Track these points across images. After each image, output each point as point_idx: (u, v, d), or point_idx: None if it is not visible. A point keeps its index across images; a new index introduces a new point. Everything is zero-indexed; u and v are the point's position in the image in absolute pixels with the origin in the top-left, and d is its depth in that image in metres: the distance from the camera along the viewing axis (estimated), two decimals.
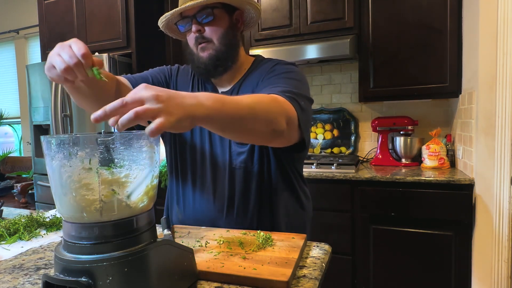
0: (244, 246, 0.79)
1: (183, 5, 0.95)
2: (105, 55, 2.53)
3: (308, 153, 2.76)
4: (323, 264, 0.75)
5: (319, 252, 0.81)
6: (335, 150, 2.75)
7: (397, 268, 2.02)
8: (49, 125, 2.80)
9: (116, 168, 0.54)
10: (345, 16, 2.29)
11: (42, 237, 0.98)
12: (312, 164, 2.22)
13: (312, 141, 2.82)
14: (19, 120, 4.55)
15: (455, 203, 1.88)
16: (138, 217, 0.57)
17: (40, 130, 2.95)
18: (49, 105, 2.75)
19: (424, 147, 2.27)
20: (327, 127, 2.78)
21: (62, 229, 0.58)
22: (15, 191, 3.73)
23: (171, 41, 2.91)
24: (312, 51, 2.33)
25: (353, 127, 2.70)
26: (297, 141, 0.90)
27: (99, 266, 0.52)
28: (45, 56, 3.04)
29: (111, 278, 0.52)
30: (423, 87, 2.21)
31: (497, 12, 1.73)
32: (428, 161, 2.24)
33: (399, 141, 2.38)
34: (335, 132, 2.76)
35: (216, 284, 0.66)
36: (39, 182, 2.94)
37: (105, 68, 2.53)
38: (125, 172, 0.55)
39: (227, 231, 0.92)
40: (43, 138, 0.55)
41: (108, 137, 0.53)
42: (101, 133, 0.54)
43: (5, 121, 4.65)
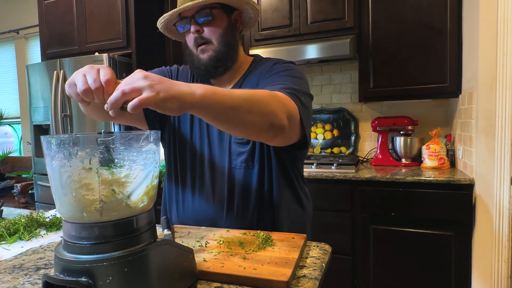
0: (244, 246, 0.79)
1: (181, 5, 0.95)
2: (105, 55, 2.53)
3: (308, 153, 2.76)
4: (323, 264, 0.75)
5: (319, 252, 0.81)
6: (335, 150, 2.75)
7: (397, 268, 2.02)
8: (49, 125, 2.80)
9: (116, 168, 0.54)
10: (345, 16, 2.29)
11: (42, 237, 0.98)
12: (312, 164, 2.22)
13: (312, 141, 2.82)
14: (19, 120, 4.55)
15: (455, 203, 1.88)
16: (138, 217, 0.57)
17: (40, 130, 2.95)
18: (49, 105, 2.75)
19: (424, 147, 2.27)
20: (327, 127, 2.78)
21: (62, 229, 0.58)
22: (15, 191, 3.73)
23: (171, 41, 2.91)
24: (312, 51, 2.33)
25: (353, 127, 2.70)
26: (299, 138, 0.90)
27: (99, 266, 0.52)
28: (45, 56, 3.04)
29: (111, 278, 0.52)
30: (423, 87, 2.21)
31: (497, 12, 1.73)
32: (428, 161, 2.23)
33: (399, 141, 2.38)
34: (335, 132, 2.76)
35: (216, 284, 0.66)
36: (39, 182, 2.94)
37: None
38: (125, 172, 0.55)
39: (227, 231, 0.92)
40: (43, 138, 0.55)
41: (108, 137, 0.54)
42: (101, 133, 0.55)
43: (5, 121, 4.65)
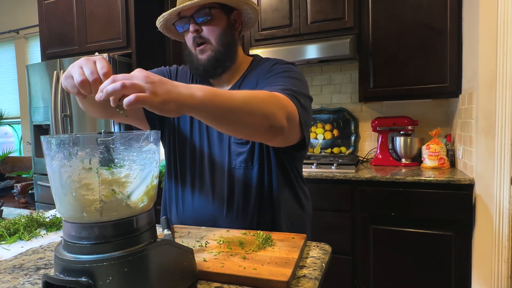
0: (244, 246, 0.79)
1: (180, 5, 0.95)
2: (105, 55, 2.53)
3: (308, 153, 2.76)
4: (323, 264, 0.75)
5: (319, 252, 0.81)
6: (335, 150, 2.75)
7: (397, 268, 2.02)
8: (49, 125, 2.80)
9: (116, 168, 0.54)
10: (345, 16, 2.30)
11: (42, 237, 0.98)
12: (312, 164, 2.22)
13: (312, 141, 2.82)
14: (19, 120, 4.55)
15: (455, 203, 1.88)
16: (138, 217, 0.57)
17: (40, 130, 2.95)
18: (49, 105, 2.75)
19: (424, 147, 2.27)
20: (327, 127, 2.78)
21: (62, 229, 0.58)
22: (15, 191, 3.73)
23: (171, 41, 2.91)
24: (312, 51, 2.33)
25: (353, 127, 2.70)
26: (298, 139, 0.90)
27: (99, 266, 0.52)
28: (45, 56, 3.04)
29: (111, 278, 0.52)
30: (423, 87, 2.21)
31: (497, 12, 1.73)
32: (428, 161, 2.23)
33: (399, 141, 2.38)
34: (335, 132, 2.76)
35: (216, 284, 0.66)
36: (39, 182, 2.94)
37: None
38: (125, 172, 0.55)
39: (227, 231, 0.92)
40: (43, 138, 0.55)
41: (108, 137, 0.54)
42: (101, 133, 0.55)
43: (5, 121, 4.65)
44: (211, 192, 1.02)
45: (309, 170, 2.19)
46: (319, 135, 2.80)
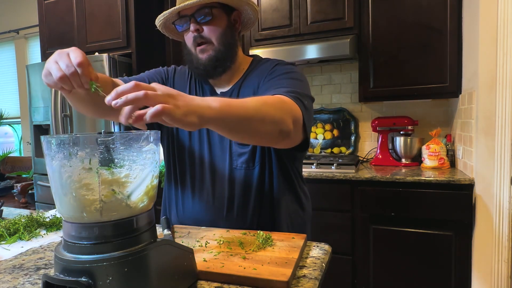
0: (244, 246, 0.79)
1: (181, 4, 0.95)
2: (105, 55, 2.53)
3: (308, 153, 2.76)
4: (323, 264, 0.75)
5: (319, 252, 0.81)
6: (335, 150, 2.75)
7: (397, 268, 2.02)
8: (49, 125, 2.80)
9: (116, 168, 0.54)
10: (345, 16, 2.30)
11: (42, 237, 0.98)
12: (312, 164, 2.22)
13: (312, 141, 2.82)
14: (19, 120, 4.55)
15: (455, 203, 1.88)
16: (138, 217, 0.57)
17: (40, 130, 2.95)
18: (49, 105, 2.75)
19: (424, 147, 2.27)
20: (327, 127, 2.78)
21: (62, 229, 0.58)
22: (15, 191, 3.73)
23: (171, 41, 2.91)
24: (312, 51, 2.33)
25: (353, 127, 2.70)
26: (301, 140, 0.90)
27: (99, 266, 0.52)
28: (45, 56, 3.04)
29: (111, 278, 0.52)
30: (423, 87, 2.21)
31: (497, 12, 1.73)
32: (428, 161, 2.23)
33: (399, 141, 2.38)
34: (335, 132, 2.76)
35: (216, 284, 0.66)
36: (39, 182, 2.94)
37: (105, 68, 2.53)
38: (125, 172, 0.55)
39: (227, 231, 0.92)
40: (43, 138, 0.55)
41: (108, 137, 0.54)
42: (101, 133, 0.54)
43: (5, 121, 4.65)
44: (211, 192, 1.02)
45: (309, 170, 2.19)
46: (319, 135, 2.80)
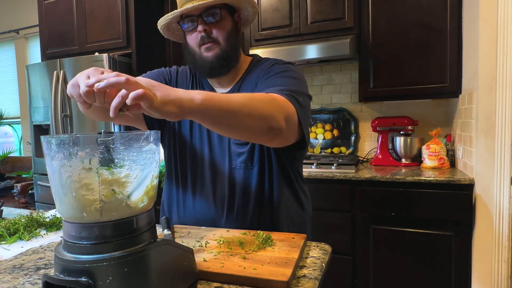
0: (244, 246, 0.79)
1: (187, 4, 0.94)
2: (105, 55, 2.53)
3: (308, 153, 2.76)
4: (323, 264, 0.75)
5: (319, 252, 0.81)
6: (335, 150, 2.75)
7: (397, 268, 2.02)
8: (49, 125, 2.80)
9: (116, 168, 0.54)
10: (345, 16, 2.30)
11: (42, 237, 0.98)
12: (312, 164, 2.22)
13: (312, 141, 2.82)
14: (19, 120, 4.54)
15: (455, 203, 1.88)
16: (138, 217, 0.57)
17: (40, 130, 2.95)
18: (49, 105, 2.75)
19: (424, 147, 2.27)
20: (327, 127, 2.78)
21: (62, 229, 0.58)
22: (15, 191, 3.73)
23: (171, 41, 2.90)
24: (312, 51, 2.33)
25: (353, 127, 2.70)
26: (297, 139, 0.90)
27: (99, 266, 0.52)
28: (45, 56, 3.04)
29: (111, 278, 0.52)
30: (423, 87, 2.21)
31: (497, 12, 1.73)
32: (428, 161, 2.23)
33: (399, 141, 2.38)
34: (335, 132, 2.76)
35: (216, 284, 0.66)
36: (39, 182, 2.94)
37: (105, 68, 2.53)
38: (125, 172, 0.55)
39: (227, 231, 0.92)
40: (43, 138, 0.55)
41: (108, 137, 0.54)
42: (101, 133, 0.54)
43: (5, 121, 4.65)
44: (212, 192, 1.02)
45: (309, 170, 2.19)
46: (319, 135, 2.80)
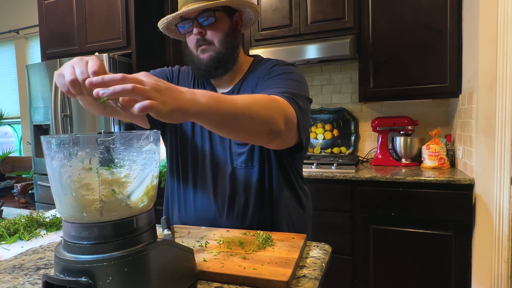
0: (244, 246, 0.79)
1: (184, 7, 0.94)
2: (105, 55, 2.53)
3: (308, 153, 2.76)
4: (323, 264, 0.75)
5: (319, 252, 0.81)
6: (335, 150, 2.75)
7: (397, 268, 2.02)
8: (49, 125, 2.80)
9: (116, 168, 0.54)
10: (345, 16, 2.29)
11: (42, 237, 0.98)
12: (312, 164, 2.22)
13: (312, 141, 2.82)
14: (19, 120, 4.55)
15: (455, 203, 1.88)
16: (138, 217, 0.57)
17: (40, 130, 2.95)
18: (49, 105, 2.75)
19: (424, 147, 2.27)
20: (327, 127, 2.78)
21: (62, 229, 0.58)
22: (15, 191, 3.73)
23: (171, 41, 2.91)
24: (312, 51, 2.33)
25: (353, 127, 2.70)
26: (296, 142, 0.90)
27: (99, 266, 0.52)
28: (45, 56, 3.04)
29: (111, 278, 0.52)
30: (423, 87, 2.21)
31: (497, 12, 1.73)
32: (428, 161, 2.23)
33: (399, 141, 2.38)
34: (335, 132, 2.76)
35: (216, 284, 0.66)
36: (39, 182, 2.94)
37: (105, 68, 2.52)
38: (125, 172, 0.55)
39: (227, 231, 0.92)
40: (43, 138, 0.55)
41: (108, 137, 0.54)
42: (101, 133, 0.55)
43: (5, 121, 4.65)
44: (213, 191, 1.02)
45: (309, 170, 2.19)
46: (319, 135, 2.80)
